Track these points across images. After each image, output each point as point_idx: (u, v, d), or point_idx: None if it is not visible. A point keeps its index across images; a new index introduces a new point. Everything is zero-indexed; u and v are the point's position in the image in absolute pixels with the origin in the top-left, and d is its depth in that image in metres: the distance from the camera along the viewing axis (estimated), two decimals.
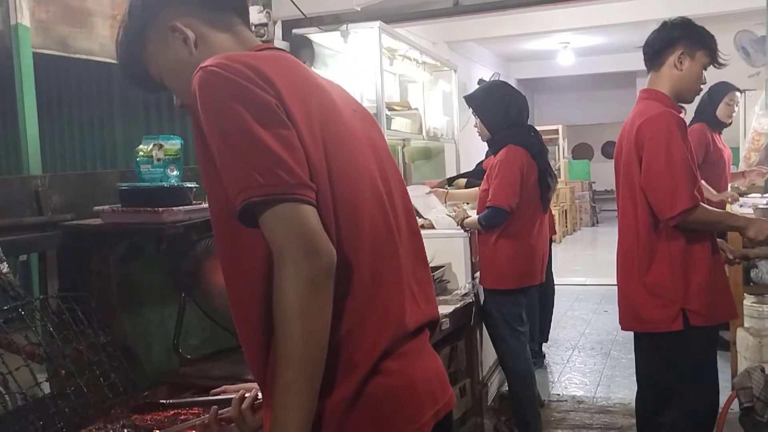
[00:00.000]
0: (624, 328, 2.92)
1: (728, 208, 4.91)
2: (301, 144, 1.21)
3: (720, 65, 2.84)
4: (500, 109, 3.84)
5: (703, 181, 4.42)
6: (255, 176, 1.15)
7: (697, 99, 3.25)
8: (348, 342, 1.24)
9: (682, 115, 2.76)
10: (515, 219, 3.71)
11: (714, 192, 4.80)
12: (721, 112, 5.16)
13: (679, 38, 2.75)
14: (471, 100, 4.02)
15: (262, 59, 1.26)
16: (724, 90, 5.19)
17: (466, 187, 5.02)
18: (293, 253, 1.14)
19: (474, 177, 4.91)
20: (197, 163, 1.28)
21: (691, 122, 5.11)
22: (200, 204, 2.43)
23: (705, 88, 4.91)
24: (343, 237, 1.25)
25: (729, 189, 5.21)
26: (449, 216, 4.17)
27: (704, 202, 2.67)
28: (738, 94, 5.31)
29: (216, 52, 1.31)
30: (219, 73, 1.19)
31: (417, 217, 1.56)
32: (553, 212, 4.72)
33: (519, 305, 3.83)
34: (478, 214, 3.82)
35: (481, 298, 3.94)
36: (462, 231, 4.06)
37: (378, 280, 1.30)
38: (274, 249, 1.16)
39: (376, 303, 1.29)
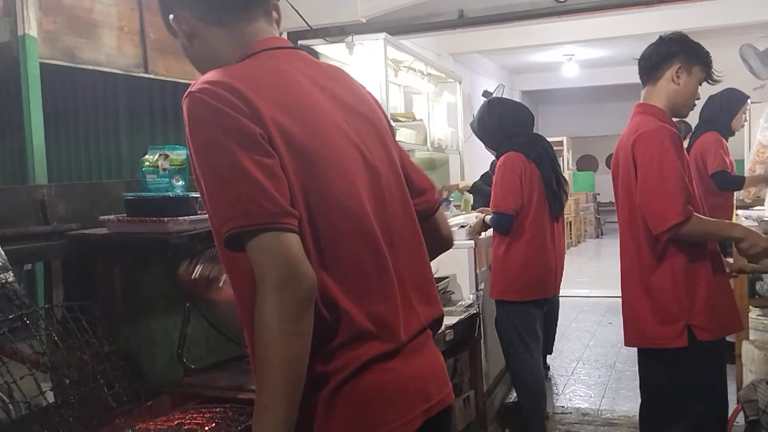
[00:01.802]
0: (628, 344, 2.90)
1: (733, 217, 4.91)
2: (283, 171, 1.25)
3: (714, 81, 2.86)
4: (494, 127, 3.91)
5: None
6: (239, 206, 1.20)
7: (699, 105, 3.24)
8: (335, 357, 1.28)
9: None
10: (524, 228, 3.71)
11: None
12: (737, 121, 5.15)
13: (677, 53, 2.76)
14: (471, 127, 4.17)
15: (248, 78, 1.29)
16: (742, 99, 5.17)
17: (471, 189, 5.11)
18: (274, 279, 1.18)
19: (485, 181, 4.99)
20: (194, 181, 1.31)
21: (700, 129, 5.09)
22: (205, 214, 2.44)
23: (716, 93, 4.96)
24: (327, 259, 1.29)
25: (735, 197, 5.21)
26: (463, 227, 4.22)
27: (704, 214, 2.67)
28: (749, 102, 5.31)
29: (210, 45, 1.41)
30: (205, 101, 1.24)
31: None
32: None
33: (532, 318, 3.82)
34: None
35: (484, 309, 3.93)
36: (467, 241, 4.08)
37: (367, 297, 1.33)
38: (257, 275, 1.20)
39: (367, 319, 1.31)
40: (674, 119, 2.82)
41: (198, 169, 1.25)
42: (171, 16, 1.45)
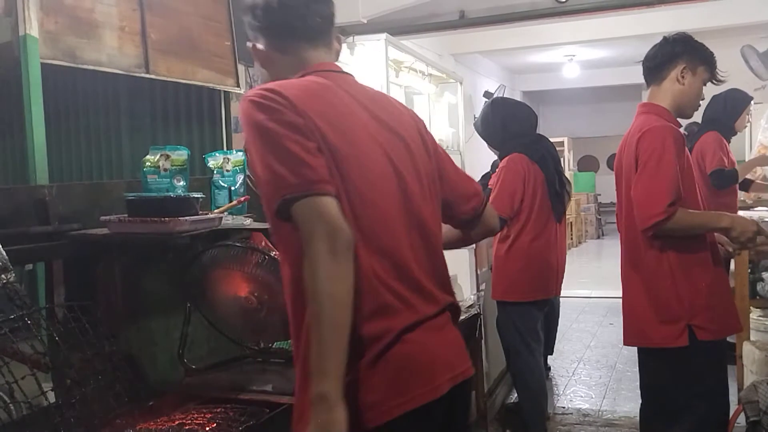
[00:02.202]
0: (628, 344, 2.90)
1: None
2: (322, 153, 1.49)
3: (719, 81, 2.86)
4: (498, 127, 3.90)
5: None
6: (287, 177, 1.44)
7: (703, 105, 3.24)
8: (372, 321, 1.49)
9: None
10: (526, 229, 3.71)
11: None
12: (741, 122, 5.15)
13: (681, 53, 2.77)
14: (475, 127, 4.16)
15: (294, 88, 1.55)
16: (746, 100, 5.18)
17: None
18: (318, 232, 1.40)
19: None
20: (251, 173, 1.61)
21: (702, 129, 5.09)
22: (206, 214, 2.44)
23: (720, 93, 4.95)
24: (361, 228, 1.50)
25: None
26: None
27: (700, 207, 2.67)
28: (752, 103, 5.31)
29: (277, 69, 1.71)
30: (256, 100, 1.51)
31: None
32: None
33: (533, 319, 3.81)
34: None
35: (485, 309, 3.93)
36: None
37: (395, 272, 1.55)
38: (303, 232, 1.42)
39: (397, 290, 1.53)
40: (687, 120, 2.82)
41: (252, 156, 1.50)
42: (250, 44, 1.74)
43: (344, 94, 1.63)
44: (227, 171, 2.95)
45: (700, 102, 2.88)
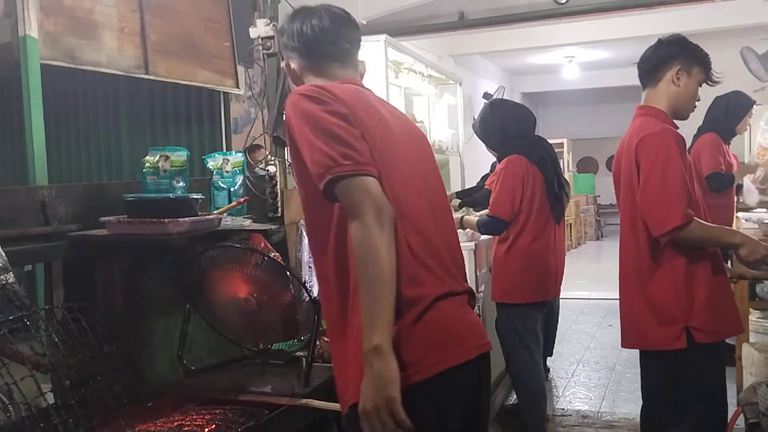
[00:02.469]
0: (626, 346, 2.90)
1: (735, 224, 4.90)
2: (365, 140, 1.67)
3: (714, 83, 2.86)
4: (496, 128, 3.90)
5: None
6: (336, 157, 1.60)
7: (703, 107, 3.24)
8: (411, 285, 1.66)
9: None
10: (525, 230, 3.71)
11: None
12: (742, 125, 5.15)
13: (676, 55, 2.76)
14: (473, 128, 4.16)
15: (338, 88, 1.74)
16: (748, 103, 5.18)
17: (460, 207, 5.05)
18: (364, 207, 1.57)
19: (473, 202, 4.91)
20: (290, 165, 1.85)
21: (702, 130, 5.09)
22: (205, 215, 2.44)
23: (723, 95, 4.96)
24: (396, 208, 1.64)
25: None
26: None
27: (705, 219, 2.67)
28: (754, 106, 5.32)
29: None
30: (305, 94, 1.70)
31: None
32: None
33: (532, 320, 3.81)
34: None
35: (485, 311, 3.93)
36: (468, 243, 4.08)
37: (426, 247, 1.73)
38: (350, 208, 1.59)
39: (428, 262, 1.72)
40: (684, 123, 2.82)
41: (300, 141, 1.66)
42: (284, 63, 1.96)
43: (374, 100, 1.85)
44: (226, 172, 2.95)
45: (696, 104, 2.87)
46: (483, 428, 1.88)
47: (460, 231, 4.18)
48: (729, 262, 3.40)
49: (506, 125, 3.87)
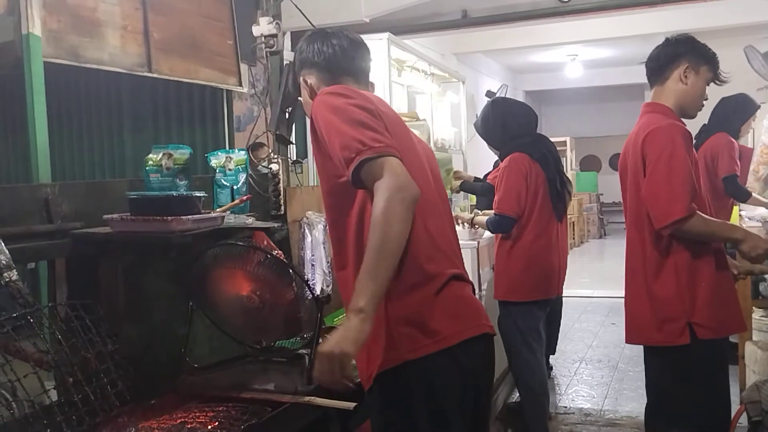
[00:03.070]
0: (630, 342, 2.90)
1: (734, 218, 4.90)
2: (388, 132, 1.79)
3: (722, 82, 2.86)
4: (498, 126, 3.91)
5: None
6: (364, 140, 1.70)
7: (709, 107, 3.24)
8: (431, 263, 1.81)
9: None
10: (528, 229, 3.71)
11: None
12: (746, 126, 5.18)
13: (684, 53, 2.77)
14: (474, 126, 4.17)
15: (360, 91, 1.89)
16: (754, 106, 5.22)
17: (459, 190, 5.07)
18: (391, 182, 1.65)
19: (471, 190, 4.94)
20: (314, 159, 1.90)
21: (712, 129, 5.09)
22: (208, 213, 2.44)
23: (731, 96, 4.97)
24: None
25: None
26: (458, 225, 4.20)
27: (710, 213, 2.67)
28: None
29: None
30: (334, 92, 1.84)
31: None
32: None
33: (535, 319, 3.81)
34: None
35: (487, 309, 3.93)
36: (470, 242, 4.08)
37: (440, 231, 1.90)
38: (377, 186, 1.66)
39: (441, 247, 1.87)
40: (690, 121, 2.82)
41: (327, 132, 1.76)
42: (301, 78, 2.06)
43: (387, 105, 2.01)
44: (229, 170, 2.95)
45: (704, 102, 2.88)
46: (487, 409, 2.02)
47: (462, 228, 4.19)
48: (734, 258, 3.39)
49: (508, 123, 3.87)
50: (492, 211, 3.87)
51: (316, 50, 2.02)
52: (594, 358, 5.85)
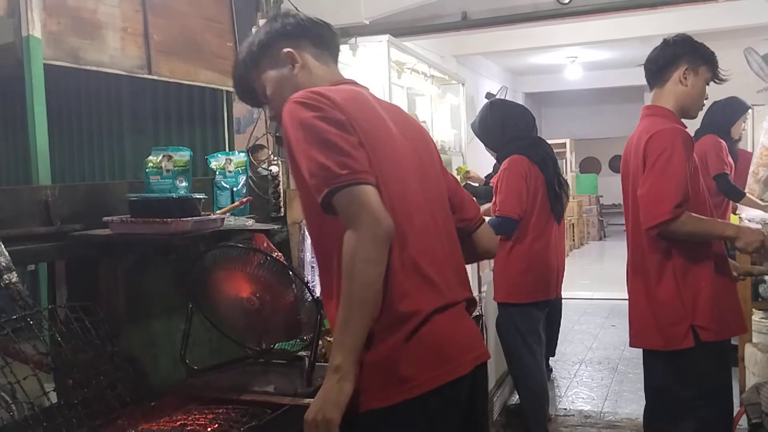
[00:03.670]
0: (633, 345, 2.90)
1: (734, 218, 4.92)
2: (362, 148, 1.62)
3: (721, 80, 2.86)
4: (496, 128, 3.91)
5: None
6: (333, 168, 1.55)
7: (705, 108, 3.25)
8: (405, 300, 1.62)
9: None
10: (528, 231, 3.71)
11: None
12: (735, 129, 5.22)
13: (682, 54, 2.77)
14: (472, 128, 4.17)
15: (336, 92, 1.69)
16: (743, 108, 5.25)
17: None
18: (361, 219, 1.52)
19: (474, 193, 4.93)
20: (291, 174, 1.78)
21: (700, 132, 5.12)
22: (208, 215, 2.44)
23: (720, 99, 5.00)
24: (394, 218, 1.59)
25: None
26: None
27: (709, 215, 2.67)
28: (750, 111, 5.37)
29: (312, 77, 1.82)
30: (303, 101, 1.64)
31: None
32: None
33: (535, 320, 3.81)
34: None
35: (487, 311, 3.93)
36: None
37: (425, 256, 1.69)
38: (346, 219, 1.54)
39: (425, 274, 1.67)
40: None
41: (297, 152, 1.61)
42: (287, 50, 1.82)
43: (372, 100, 1.80)
44: (229, 172, 2.95)
45: (704, 102, 2.88)
46: None
47: None
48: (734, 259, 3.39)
49: (506, 125, 3.87)
50: (486, 208, 3.87)
51: (308, 20, 1.87)
52: (594, 360, 5.85)
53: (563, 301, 5.47)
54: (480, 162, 6.45)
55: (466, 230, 1.96)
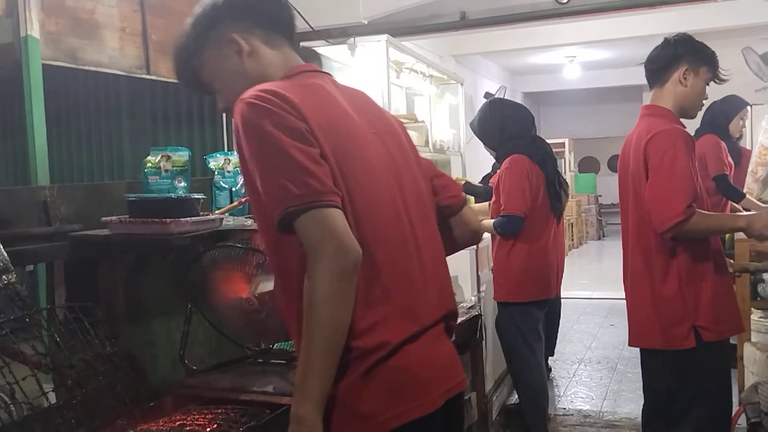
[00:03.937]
0: (633, 344, 2.89)
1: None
2: (325, 160, 1.42)
3: (721, 81, 2.86)
4: (495, 127, 3.90)
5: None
6: (290, 188, 1.36)
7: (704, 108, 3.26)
8: (372, 333, 1.43)
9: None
10: (528, 230, 3.71)
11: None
12: (734, 126, 5.21)
13: (683, 54, 2.77)
14: (471, 127, 4.15)
15: (293, 90, 1.47)
16: (740, 105, 5.25)
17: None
18: (325, 249, 1.35)
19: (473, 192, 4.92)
20: (244, 184, 1.52)
21: (700, 132, 5.13)
22: (207, 215, 2.44)
23: (718, 99, 5.01)
24: (364, 239, 1.43)
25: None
26: None
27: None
28: (748, 109, 5.36)
29: (263, 64, 1.61)
30: (256, 103, 1.42)
31: None
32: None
33: (534, 319, 3.81)
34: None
35: (486, 311, 3.93)
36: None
37: (398, 278, 1.50)
38: (308, 247, 1.36)
39: (396, 301, 1.48)
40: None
41: (251, 164, 1.42)
42: (233, 35, 1.60)
43: (335, 92, 1.59)
44: (228, 172, 2.95)
45: (704, 102, 2.88)
46: None
47: None
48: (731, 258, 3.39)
49: (505, 125, 3.87)
50: (482, 205, 3.87)
51: (207, 8, 1.62)
52: (593, 360, 5.85)
53: (562, 300, 5.47)
54: (479, 161, 6.45)
55: (450, 211, 1.78)
